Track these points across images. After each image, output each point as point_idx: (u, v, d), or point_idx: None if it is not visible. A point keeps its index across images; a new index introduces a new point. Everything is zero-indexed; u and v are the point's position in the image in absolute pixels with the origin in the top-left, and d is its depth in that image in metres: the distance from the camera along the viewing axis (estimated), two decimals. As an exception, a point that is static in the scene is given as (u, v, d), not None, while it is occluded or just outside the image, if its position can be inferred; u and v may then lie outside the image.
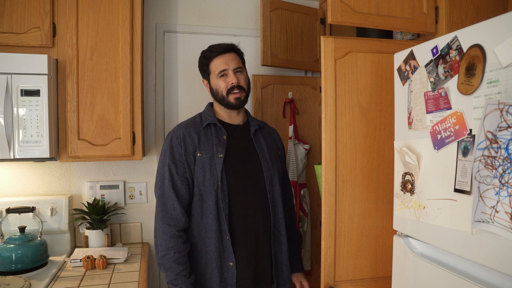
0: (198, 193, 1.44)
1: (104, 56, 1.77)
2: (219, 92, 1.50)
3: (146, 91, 2.15)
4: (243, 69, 1.53)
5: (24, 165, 1.97)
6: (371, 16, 1.43)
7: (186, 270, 1.38)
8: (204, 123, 1.51)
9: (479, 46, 0.92)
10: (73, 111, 1.74)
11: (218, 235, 1.42)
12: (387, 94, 1.44)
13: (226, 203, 1.42)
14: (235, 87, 1.48)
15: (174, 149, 1.45)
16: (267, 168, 1.51)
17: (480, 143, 0.89)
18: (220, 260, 1.42)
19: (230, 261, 1.41)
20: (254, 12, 2.30)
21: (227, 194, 1.43)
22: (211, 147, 1.46)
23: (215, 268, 1.41)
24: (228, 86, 1.48)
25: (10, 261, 1.59)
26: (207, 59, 1.52)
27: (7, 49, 1.66)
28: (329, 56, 1.39)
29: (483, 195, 0.88)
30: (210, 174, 1.43)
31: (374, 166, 1.45)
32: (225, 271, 1.42)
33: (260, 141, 1.56)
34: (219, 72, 1.49)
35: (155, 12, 2.17)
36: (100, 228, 1.92)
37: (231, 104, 1.49)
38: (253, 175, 1.50)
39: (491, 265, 0.90)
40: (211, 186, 1.42)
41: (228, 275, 1.42)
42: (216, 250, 1.41)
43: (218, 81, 1.50)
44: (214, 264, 1.41)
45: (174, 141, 1.46)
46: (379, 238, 1.46)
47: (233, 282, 1.41)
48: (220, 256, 1.42)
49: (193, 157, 1.44)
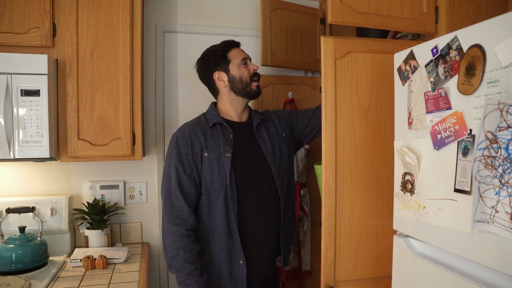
0: (205, 193, 1.44)
1: (104, 56, 1.77)
2: (243, 79, 1.53)
3: (146, 91, 2.15)
4: None
5: (24, 165, 1.97)
6: (371, 16, 1.43)
7: (197, 269, 1.38)
8: (210, 123, 1.51)
9: (479, 46, 0.92)
10: (73, 111, 1.74)
11: (227, 234, 1.42)
12: (387, 94, 1.44)
13: (235, 202, 1.43)
14: (257, 73, 1.55)
15: (180, 149, 1.44)
16: (273, 162, 1.53)
17: (480, 143, 0.89)
18: (230, 259, 1.43)
19: (240, 260, 1.42)
20: (254, 12, 2.30)
21: (236, 193, 1.44)
22: (218, 146, 1.46)
23: (225, 267, 1.42)
24: (251, 73, 1.54)
25: (10, 261, 1.59)
26: (223, 50, 1.55)
27: (7, 49, 1.66)
28: (329, 56, 1.39)
29: (483, 195, 0.88)
30: (218, 173, 1.43)
31: (374, 166, 1.45)
32: (235, 269, 1.43)
33: (263, 134, 1.57)
34: (241, 59, 1.54)
35: (155, 12, 2.17)
36: (100, 228, 1.92)
37: (253, 91, 1.54)
38: (261, 171, 1.51)
39: (491, 265, 0.90)
40: (220, 185, 1.42)
41: (239, 273, 1.43)
42: (225, 249, 1.42)
43: (240, 68, 1.53)
44: (223, 263, 1.42)
45: (180, 142, 1.45)
46: (379, 238, 1.46)
47: (244, 280, 1.42)
48: (230, 255, 1.43)
49: (200, 157, 1.44)
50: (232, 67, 1.53)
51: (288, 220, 1.58)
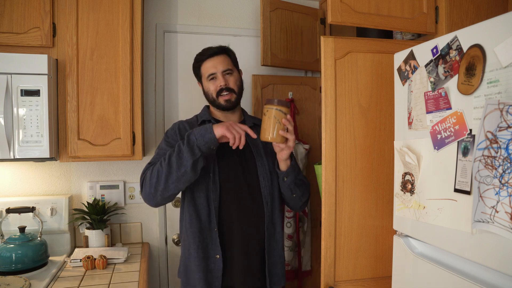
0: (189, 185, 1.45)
1: (104, 56, 1.77)
2: (209, 95, 1.54)
3: (146, 91, 2.15)
4: (233, 70, 1.54)
5: (24, 165, 1.97)
6: (371, 16, 1.43)
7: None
8: (199, 120, 1.57)
9: (479, 46, 0.92)
10: (73, 111, 1.74)
11: (207, 226, 1.43)
12: (387, 94, 1.44)
13: (217, 195, 1.44)
14: (224, 89, 1.50)
15: (169, 136, 1.52)
16: (261, 163, 1.52)
17: (480, 143, 0.89)
18: (207, 252, 1.43)
19: (217, 254, 1.42)
20: (254, 12, 2.30)
21: (218, 186, 1.45)
22: None
23: (202, 259, 1.42)
24: (217, 89, 1.51)
25: (10, 261, 1.59)
26: (198, 62, 1.56)
27: (7, 49, 1.66)
28: (329, 56, 1.39)
29: (483, 195, 0.88)
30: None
31: (374, 166, 1.45)
32: (212, 263, 1.43)
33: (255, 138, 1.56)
34: (208, 75, 1.52)
35: (155, 12, 2.17)
36: (100, 228, 1.92)
37: (222, 106, 1.52)
38: (247, 171, 1.50)
39: (491, 265, 0.90)
40: (203, 178, 1.43)
41: (215, 267, 1.42)
42: (203, 241, 1.42)
43: (208, 84, 1.54)
44: (201, 254, 1.42)
45: (169, 132, 1.54)
46: (379, 238, 1.46)
47: (219, 274, 1.42)
48: (207, 248, 1.43)
49: None
50: (203, 80, 1.56)
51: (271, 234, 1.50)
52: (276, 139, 1.35)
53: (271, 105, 1.34)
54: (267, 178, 1.51)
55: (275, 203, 1.53)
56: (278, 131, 1.34)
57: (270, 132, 1.34)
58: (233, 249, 1.45)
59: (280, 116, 1.33)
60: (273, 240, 1.52)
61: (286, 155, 1.42)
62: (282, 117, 1.33)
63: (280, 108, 1.33)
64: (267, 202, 1.50)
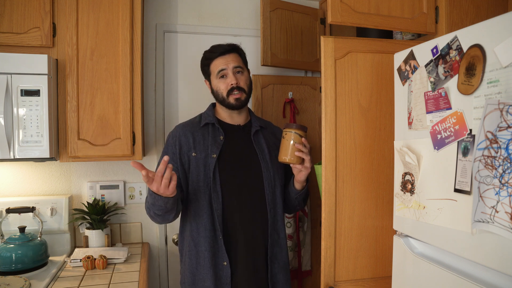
0: (192, 193, 1.45)
1: (104, 56, 1.77)
2: (219, 94, 1.50)
3: (146, 91, 2.15)
4: (243, 69, 1.52)
5: (24, 165, 1.97)
6: (371, 16, 1.43)
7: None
8: (202, 122, 1.52)
9: (479, 46, 0.92)
10: (73, 111, 1.74)
11: (212, 234, 1.42)
12: (387, 94, 1.44)
13: (219, 203, 1.42)
14: (235, 88, 1.47)
15: (168, 149, 1.49)
16: (266, 169, 1.50)
17: (480, 143, 0.89)
18: (215, 259, 1.42)
19: (224, 261, 1.42)
20: (254, 12, 2.30)
21: (220, 194, 1.43)
22: (206, 147, 1.46)
23: (210, 267, 1.41)
24: (228, 88, 1.47)
25: (10, 261, 1.59)
26: (208, 59, 1.52)
27: (7, 49, 1.66)
28: (329, 56, 1.39)
29: (483, 195, 0.88)
30: (203, 174, 1.43)
31: (374, 166, 1.45)
32: (220, 270, 1.42)
33: (261, 141, 1.55)
34: (218, 71, 1.48)
35: (155, 12, 2.17)
36: (100, 228, 1.92)
37: (232, 105, 1.49)
38: (251, 176, 1.49)
39: (491, 265, 0.90)
40: (205, 186, 1.43)
41: (223, 274, 1.42)
42: (210, 249, 1.41)
43: (218, 82, 1.49)
44: (208, 263, 1.41)
45: (169, 141, 1.51)
46: (379, 238, 1.46)
47: (228, 281, 1.42)
48: (215, 256, 1.42)
49: (187, 157, 1.46)
50: (212, 79, 1.52)
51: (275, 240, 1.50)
52: (293, 160, 1.41)
53: (290, 129, 1.42)
54: (271, 185, 1.50)
55: (277, 209, 1.53)
56: (294, 152, 1.40)
57: (288, 154, 1.41)
58: (238, 256, 1.44)
59: (297, 139, 1.41)
60: (277, 246, 1.51)
61: (304, 176, 1.46)
62: (299, 140, 1.41)
63: (298, 132, 1.41)
64: (270, 208, 1.49)
